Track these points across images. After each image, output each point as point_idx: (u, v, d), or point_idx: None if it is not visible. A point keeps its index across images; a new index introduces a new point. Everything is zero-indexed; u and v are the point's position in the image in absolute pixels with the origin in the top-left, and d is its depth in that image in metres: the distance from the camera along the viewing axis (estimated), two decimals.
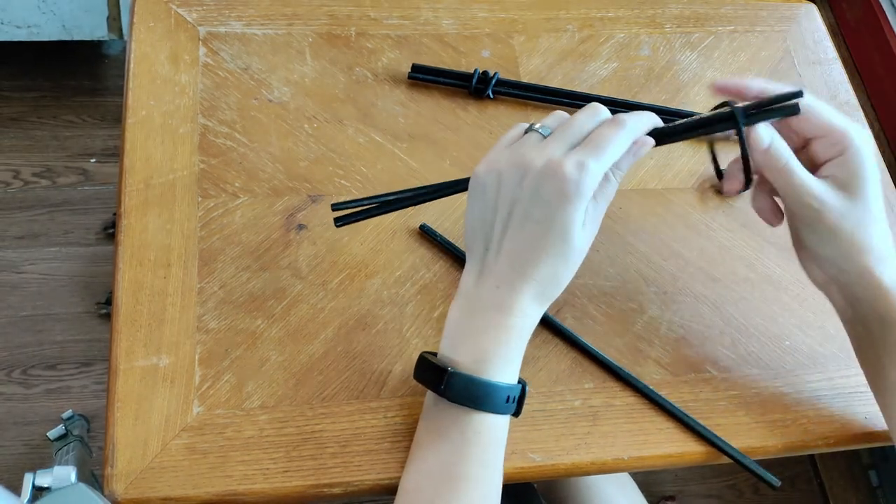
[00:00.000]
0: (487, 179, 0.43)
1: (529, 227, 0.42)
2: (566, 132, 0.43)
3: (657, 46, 0.68)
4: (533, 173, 0.41)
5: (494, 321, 0.43)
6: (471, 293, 0.44)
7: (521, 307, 0.43)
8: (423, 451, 0.44)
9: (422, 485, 0.43)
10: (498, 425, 0.44)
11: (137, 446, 0.45)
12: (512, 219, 0.42)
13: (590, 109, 0.44)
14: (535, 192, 0.41)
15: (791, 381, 0.54)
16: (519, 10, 0.67)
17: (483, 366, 0.42)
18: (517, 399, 0.44)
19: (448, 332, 0.44)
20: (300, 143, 0.57)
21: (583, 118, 0.44)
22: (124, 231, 0.51)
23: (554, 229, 0.42)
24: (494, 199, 0.43)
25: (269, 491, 0.45)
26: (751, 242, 0.59)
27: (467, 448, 0.42)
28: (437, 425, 0.44)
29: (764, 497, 1.29)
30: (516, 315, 0.43)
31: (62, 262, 1.27)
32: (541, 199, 0.41)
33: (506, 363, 0.43)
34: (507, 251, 0.43)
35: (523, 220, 0.42)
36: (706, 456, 0.51)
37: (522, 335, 0.44)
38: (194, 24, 0.60)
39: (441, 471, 0.43)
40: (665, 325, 0.55)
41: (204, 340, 0.49)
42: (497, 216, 0.43)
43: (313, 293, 0.52)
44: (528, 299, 0.43)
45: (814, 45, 0.71)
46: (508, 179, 0.42)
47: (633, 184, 0.61)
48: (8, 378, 1.18)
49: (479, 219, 0.44)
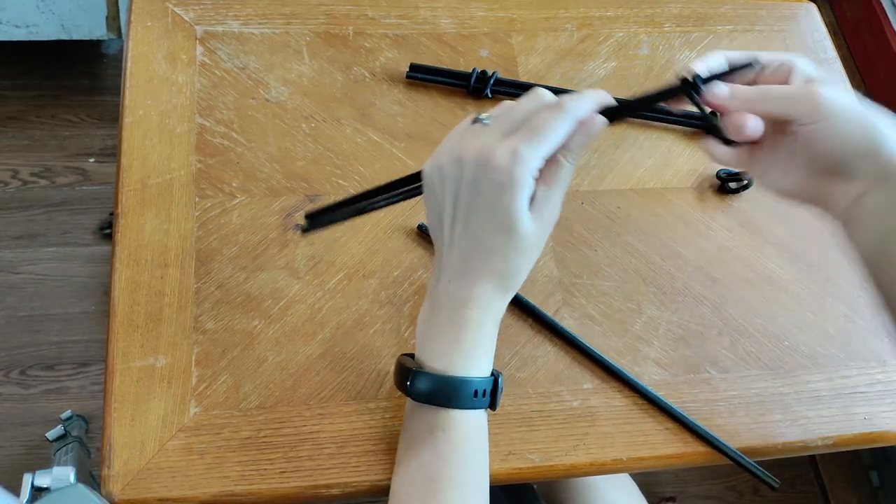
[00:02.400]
0: (433, 176, 0.42)
1: (474, 219, 0.41)
2: (503, 119, 0.42)
3: (656, 45, 0.67)
4: (469, 165, 0.40)
5: (452, 316, 0.42)
6: (431, 291, 0.44)
7: (476, 299, 0.42)
8: (403, 456, 0.44)
9: (408, 488, 0.43)
10: (471, 421, 0.43)
11: (135, 447, 0.45)
12: (457, 213, 0.42)
13: (531, 95, 0.43)
14: (474, 184, 0.40)
15: (791, 382, 0.54)
16: (517, 9, 0.67)
17: (446, 362, 0.42)
18: (489, 392, 0.43)
19: (417, 332, 0.44)
20: (298, 143, 0.57)
21: (524, 104, 0.42)
22: (121, 231, 0.51)
23: (496, 220, 0.41)
24: (441, 194, 0.42)
25: (266, 492, 0.45)
26: (750, 242, 0.59)
27: (442, 448, 0.42)
28: (413, 429, 0.43)
29: (764, 498, 1.29)
30: (472, 308, 0.42)
31: (60, 263, 1.27)
32: (479, 191, 0.40)
33: (469, 357, 0.42)
34: (457, 245, 0.42)
35: (467, 213, 0.41)
36: (706, 457, 0.51)
37: (484, 328, 0.43)
38: (191, 23, 0.60)
39: (421, 475, 0.42)
40: (664, 325, 0.55)
41: (201, 341, 0.49)
42: (445, 212, 0.42)
43: (311, 293, 0.52)
44: (485, 291, 0.42)
45: (813, 45, 0.71)
46: (449, 174, 0.41)
47: (633, 183, 0.60)
48: (6, 379, 1.18)
49: (434, 216, 0.43)
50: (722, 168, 0.61)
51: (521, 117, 0.41)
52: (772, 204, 0.61)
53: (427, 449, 0.42)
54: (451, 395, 0.42)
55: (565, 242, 0.57)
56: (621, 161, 0.61)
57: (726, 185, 0.61)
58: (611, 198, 0.59)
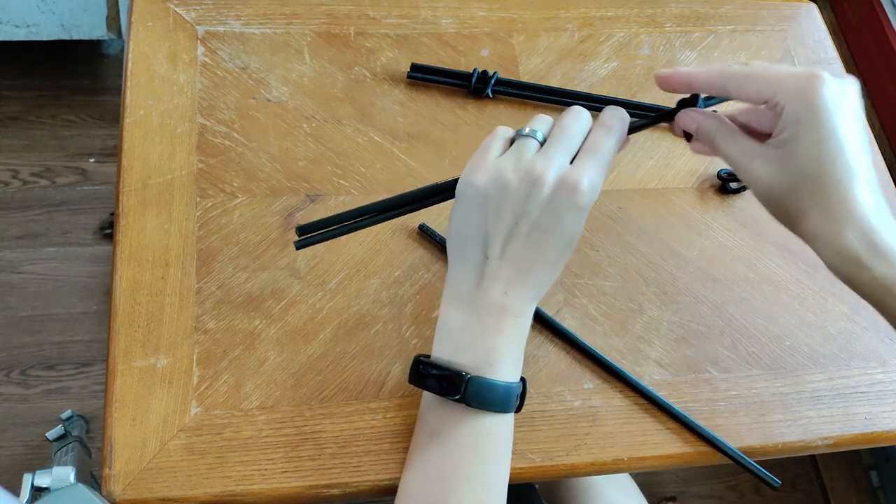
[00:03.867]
0: (491, 189, 0.43)
1: (537, 235, 0.43)
2: (564, 140, 0.43)
3: (657, 45, 0.67)
4: (547, 186, 0.42)
5: (504, 324, 0.43)
6: (473, 298, 0.44)
7: (525, 308, 0.44)
8: (425, 453, 0.44)
9: (426, 486, 0.43)
10: (505, 423, 0.44)
11: (135, 447, 0.45)
12: (520, 228, 0.43)
13: (574, 113, 0.45)
14: (549, 203, 0.42)
15: (791, 382, 0.54)
16: (518, 9, 0.67)
17: (495, 368, 0.43)
18: (520, 395, 0.45)
19: (448, 336, 0.44)
20: (299, 143, 0.57)
21: (573, 123, 0.44)
22: (122, 231, 0.51)
23: (563, 237, 0.43)
24: (498, 208, 0.43)
25: (267, 492, 0.45)
26: (751, 242, 0.59)
27: (477, 448, 0.43)
28: (441, 427, 0.44)
29: (765, 498, 1.29)
30: (522, 317, 0.44)
31: (61, 263, 1.27)
32: (554, 210, 0.42)
33: (515, 362, 0.44)
34: (512, 258, 0.43)
35: (533, 229, 0.42)
36: (707, 457, 0.51)
37: (526, 334, 0.45)
38: (193, 23, 0.60)
39: (447, 471, 0.42)
40: (665, 325, 0.55)
41: (202, 341, 0.49)
42: (501, 225, 0.43)
43: (312, 293, 0.52)
44: (532, 300, 0.44)
45: (814, 45, 0.71)
46: (518, 191, 0.42)
47: (633, 184, 0.60)
48: (7, 378, 1.18)
49: (478, 226, 0.44)
50: (723, 168, 0.61)
51: (578, 137, 0.44)
52: None
53: (460, 448, 0.43)
54: (500, 399, 0.43)
55: None
56: (622, 161, 0.61)
57: (727, 185, 0.61)
58: (612, 198, 0.59)
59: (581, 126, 0.44)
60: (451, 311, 0.44)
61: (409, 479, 0.44)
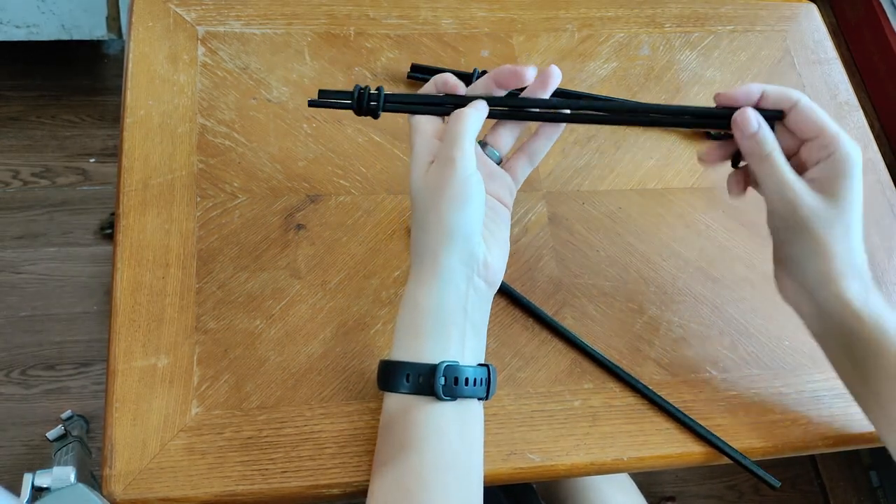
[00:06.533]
0: None
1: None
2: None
3: (657, 46, 0.67)
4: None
5: (411, 304, 0.44)
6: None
7: (430, 276, 0.43)
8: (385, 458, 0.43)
9: (378, 484, 0.41)
10: (416, 406, 0.41)
11: (136, 447, 0.45)
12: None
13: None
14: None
15: (791, 382, 0.54)
16: (518, 9, 0.67)
17: (415, 350, 0.42)
18: (484, 381, 0.42)
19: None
20: (299, 143, 0.57)
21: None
22: (123, 231, 0.51)
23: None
24: None
25: (267, 491, 0.45)
26: (750, 242, 0.59)
27: (384, 432, 0.42)
28: (388, 423, 0.43)
29: (764, 498, 1.29)
30: (422, 286, 0.43)
31: (61, 263, 1.27)
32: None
33: (405, 336, 0.42)
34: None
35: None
36: (706, 457, 0.51)
37: (442, 308, 0.42)
38: (193, 23, 0.60)
39: (402, 476, 0.41)
40: (665, 325, 0.55)
41: (202, 341, 0.49)
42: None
43: (312, 293, 0.52)
44: (415, 266, 0.44)
45: (814, 45, 0.71)
46: None
47: (633, 184, 0.60)
48: (7, 378, 1.18)
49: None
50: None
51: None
52: None
53: (381, 436, 0.42)
54: (393, 377, 0.41)
55: (566, 243, 0.57)
56: (622, 161, 0.61)
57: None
58: (612, 198, 0.60)
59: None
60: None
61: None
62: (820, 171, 0.45)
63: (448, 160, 0.42)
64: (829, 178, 0.44)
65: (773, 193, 0.45)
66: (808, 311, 0.47)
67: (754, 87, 0.46)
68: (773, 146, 0.45)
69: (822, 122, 0.45)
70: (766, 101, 0.46)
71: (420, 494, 0.39)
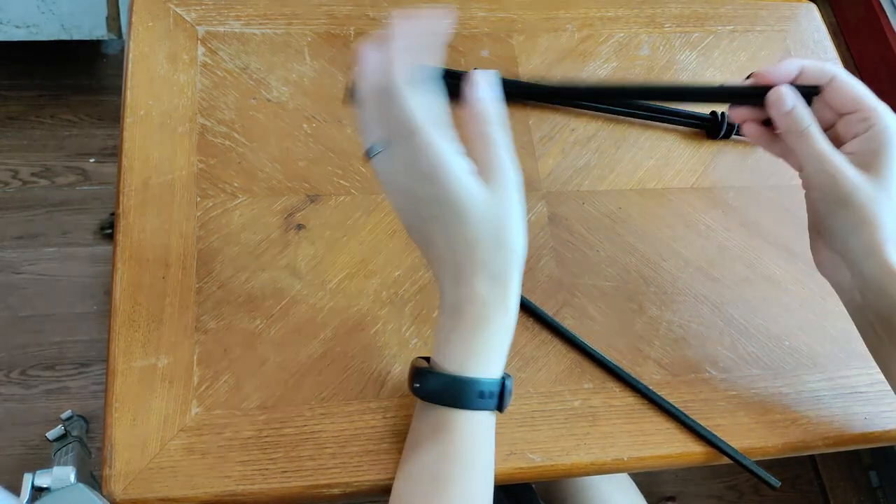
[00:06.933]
0: None
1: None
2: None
3: (657, 46, 0.68)
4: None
5: (458, 318, 0.42)
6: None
7: (443, 286, 0.42)
8: (408, 456, 0.44)
9: (408, 487, 0.43)
10: (473, 421, 0.42)
11: (136, 447, 0.45)
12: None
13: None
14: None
15: (791, 382, 0.54)
16: (518, 9, 0.67)
17: (456, 363, 0.41)
18: (497, 394, 0.42)
19: (436, 337, 0.44)
20: (299, 143, 0.57)
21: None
22: (123, 231, 0.51)
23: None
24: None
25: (267, 491, 0.45)
26: (751, 242, 0.59)
27: (440, 446, 0.41)
28: (419, 427, 0.43)
29: (764, 498, 1.29)
30: (443, 297, 0.42)
31: (61, 263, 1.27)
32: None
33: (478, 357, 0.42)
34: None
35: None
36: (706, 456, 0.51)
37: (490, 326, 0.42)
38: (193, 23, 0.60)
39: (425, 473, 0.42)
40: (665, 325, 0.55)
41: (202, 340, 0.49)
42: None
43: (312, 293, 0.52)
44: (448, 277, 0.42)
45: (814, 45, 0.71)
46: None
47: (633, 184, 0.60)
48: (7, 379, 1.18)
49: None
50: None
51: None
52: (772, 204, 0.61)
53: (431, 448, 0.42)
54: (454, 394, 0.41)
55: (566, 243, 0.57)
56: (622, 161, 0.61)
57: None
58: (611, 198, 0.59)
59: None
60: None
61: (396, 479, 0.44)
62: (860, 144, 0.45)
63: (507, 173, 0.39)
64: (871, 151, 0.44)
65: (812, 168, 0.45)
66: (850, 283, 0.46)
67: (793, 63, 0.46)
68: (810, 121, 0.45)
69: (860, 96, 0.45)
70: (803, 78, 0.46)
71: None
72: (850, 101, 0.45)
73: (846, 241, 0.45)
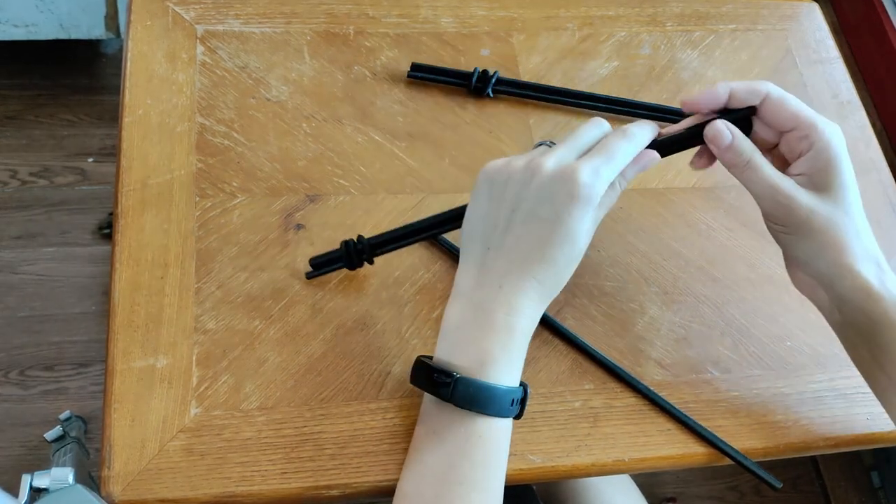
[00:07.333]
0: (497, 177, 0.44)
1: (534, 224, 0.42)
2: (572, 140, 0.44)
3: (658, 45, 0.67)
4: (543, 175, 0.42)
5: (497, 322, 0.42)
6: (471, 294, 0.43)
7: (522, 307, 0.43)
8: (423, 454, 0.44)
9: (421, 488, 0.43)
10: (501, 428, 0.43)
11: (135, 448, 0.45)
12: (516, 215, 0.42)
13: (593, 123, 0.45)
14: (544, 191, 0.42)
15: (792, 382, 0.54)
16: (518, 8, 0.66)
17: (487, 369, 0.42)
18: (520, 401, 0.44)
19: (447, 334, 0.44)
20: (298, 143, 0.57)
21: (587, 128, 0.45)
22: (121, 231, 0.51)
23: (561, 229, 0.42)
24: (500, 195, 0.43)
25: (267, 493, 0.45)
26: (752, 242, 0.59)
27: (470, 451, 0.42)
28: (438, 428, 0.43)
29: (766, 498, 1.29)
30: (519, 315, 0.43)
31: (60, 263, 1.26)
32: (549, 198, 0.41)
33: (509, 366, 0.43)
34: (509, 248, 0.42)
35: (528, 217, 0.42)
36: (707, 457, 0.50)
37: (525, 337, 0.44)
38: (192, 22, 0.60)
39: (441, 474, 0.42)
40: (666, 325, 0.55)
41: (201, 341, 0.49)
42: (501, 213, 0.43)
43: (311, 293, 0.52)
44: (530, 299, 0.43)
45: (815, 44, 0.70)
46: (517, 178, 0.43)
47: (634, 183, 0.60)
48: (5, 379, 1.18)
49: (482, 216, 0.44)
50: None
51: (590, 141, 0.44)
52: None
53: (454, 449, 0.42)
54: (491, 402, 0.42)
55: None
56: None
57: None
58: None
59: (594, 132, 0.44)
60: (452, 308, 0.44)
61: (405, 478, 0.44)
62: (806, 163, 0.44)
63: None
64: (818, 171, 0.44)
65: (764, 199, 0.45)
66: (828, 303, 0.46)
67: (721, 87, 0.45)
68: (751, 152, 0.44)
69: (795, 112, 0.44)
70: (735, 101, 0.45)
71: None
72: (786, 119, 0.44)
73: (816, 266, 0.45)
